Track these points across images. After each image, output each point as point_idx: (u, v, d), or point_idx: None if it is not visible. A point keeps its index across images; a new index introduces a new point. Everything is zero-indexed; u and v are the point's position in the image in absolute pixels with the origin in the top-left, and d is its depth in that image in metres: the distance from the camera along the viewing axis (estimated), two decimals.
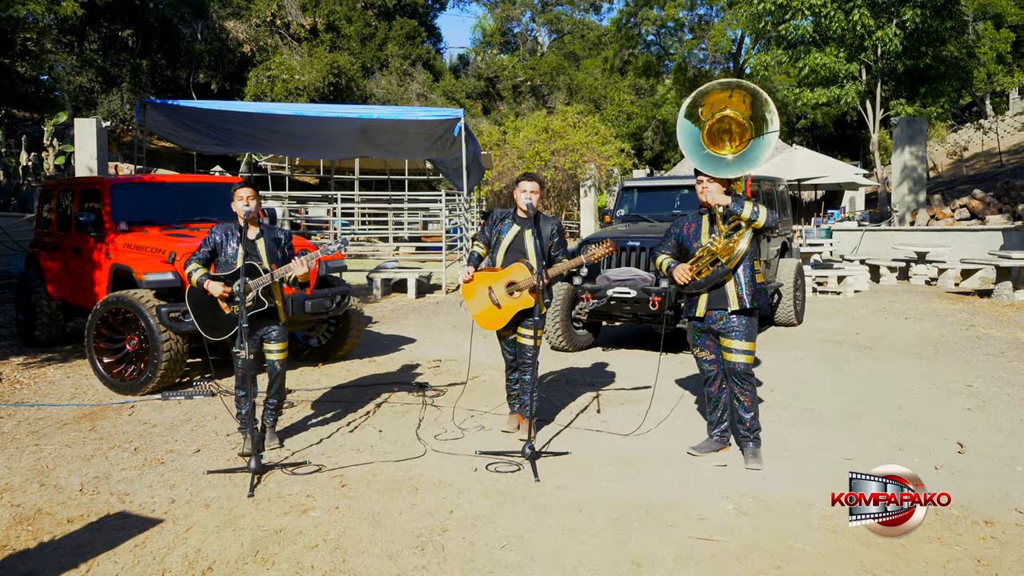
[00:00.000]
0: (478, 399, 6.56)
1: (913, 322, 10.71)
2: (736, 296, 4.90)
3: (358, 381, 7.26)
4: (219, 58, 26.99)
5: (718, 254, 4.84)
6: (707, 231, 4.97)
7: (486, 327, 5.41)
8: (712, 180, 4.88)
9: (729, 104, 4.94)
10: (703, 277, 4.91)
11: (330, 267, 7.75)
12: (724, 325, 4.95)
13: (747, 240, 4.83)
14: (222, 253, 5.20)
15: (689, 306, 5.10)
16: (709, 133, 4.99)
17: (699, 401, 6.55)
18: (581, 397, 6.75)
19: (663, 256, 5.15)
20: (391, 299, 13.85)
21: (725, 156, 4.92)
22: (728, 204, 4.78)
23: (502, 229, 5.43)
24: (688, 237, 5.04)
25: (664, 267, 5.09)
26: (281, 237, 5.30)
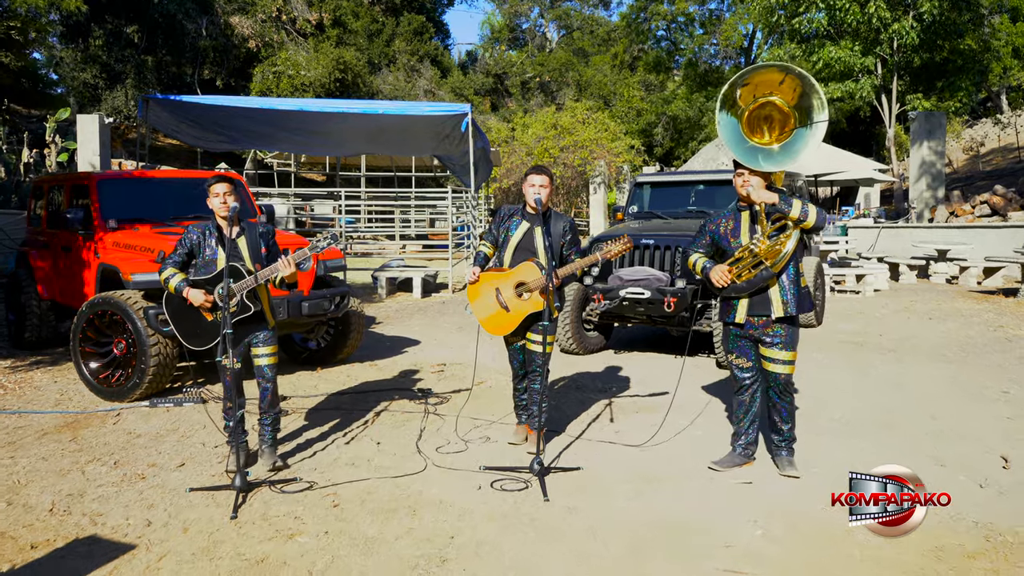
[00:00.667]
0: (484, 407, 6.18)
1: (937, 323, 10.29)
2: (781, 302, 4.52)
3: (358, 387, 6.90)
4: (224, 54, 26.67)
5: (762, 256, 4.45)
6: (747, 229, 4.58)
7: (493, 332, 5.03)
8: (753, 174, 4.49)
9: (778, 90, 4.53)
10: (743, 280, 4.52)
11: (329, 266, 7.39)
12: (765, 333, 4.57)
13: (794, 241, 4.44)
14: (200, 255, 4.83)
15: (726, 310, 4.71)
16: (748, 120, 4.59)
17: (717, 409, 6.16)
18: (593, 405, 6.37)
19: (697, 255, 4.74)
20: (396, 298, 13.49)
21: (771, 148, 4.52)
22: (775, 202, 4.38)
23: (510, 226, 5.05)
24: (725, 235, 4.65)
25: (699, 268, 4.68)
26: (265, 235, 4.93)
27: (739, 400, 4.77)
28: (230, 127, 16.27)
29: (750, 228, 4.58)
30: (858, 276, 13.70)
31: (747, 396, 4.74)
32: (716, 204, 8.78)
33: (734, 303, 4.64)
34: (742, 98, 4.57)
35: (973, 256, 15.15)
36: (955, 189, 20.36)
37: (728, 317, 4.68)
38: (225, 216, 4.74)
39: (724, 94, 4.58)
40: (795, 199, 4.40)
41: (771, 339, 4.57)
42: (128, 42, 26.22)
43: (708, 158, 21.99)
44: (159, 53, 26.29)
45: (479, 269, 5.02)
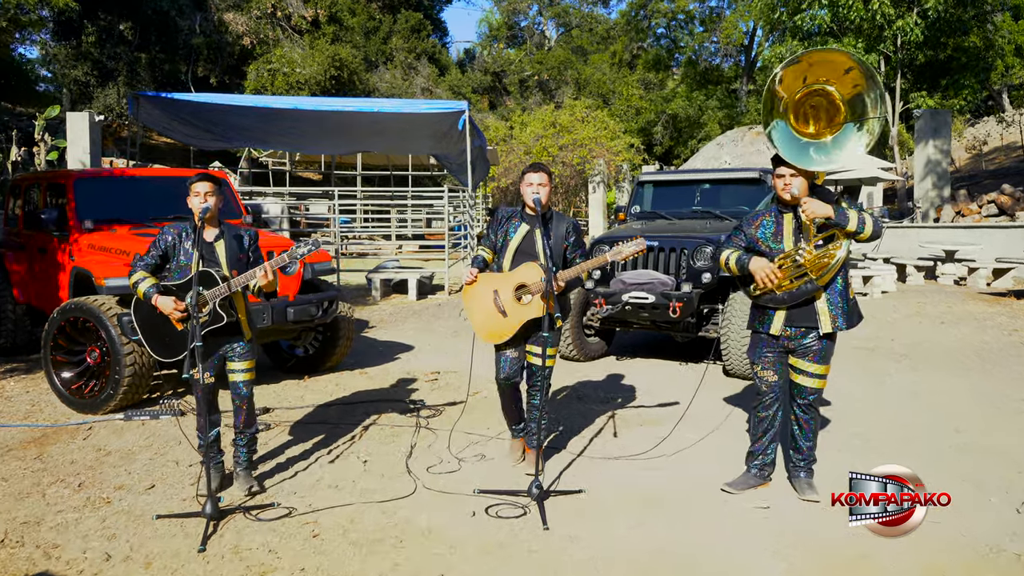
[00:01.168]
0: (479, 420, 5.81)
1: (950, 327, 9.93)
2: (829, 317, 4.14)
3: (346, 398, 6.53)
4: (218, 51, 26.29)
5: (807, 268, 4.07)
6: (791, 235, 4.19)
7: (488, 339, 4.65)
8: (796, 175, 4.11)
9: (837, 80, 4.13)
10: (783, 291, 4.15)
11: (316, 270, 7.01)
12: (802, 344, 4.21)
13: (844, 252, 4.06)
14: (174, 258, 4.46)
15: (758, 317, 4.32)
16: (795, 109, 4.19)
17: (727, 421, 5.80)
18: (595, 417, 6.00)
19: (729, 250, 4.32)
20: (390, 301, 13.12)
21: (823, 140, 4.15)
22: (830, 216, 3.98)
23: (509, 230, 4.66)
24: (765, 239, 4.25)
25: (733, 262, 4.25)
26: (245, 238, 4.57)
27: (759, 417, 4.40)
28: (223, 125, 15.98)
29: (794, 234, 4.20)
30: (865, 278, 13.34)
31: (769, 413, 4.36)
32: (722, 204, 8.43)
33: (770, 313, 4.26)
34: (788, 83, 4.16)
35: (982, 257, 14.80)
36: (961, 188, 20.01)
37: (762, 326, 4.29)
38: (205, 217, 4.38)
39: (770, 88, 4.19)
40: (851, 211, 4.02)
41: (806, 350, 4.22)
42: (121, 39, 25.83)
43: (709, 157, 21.66)
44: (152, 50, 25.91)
45: (477, 270, 4.66)
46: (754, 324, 4.36)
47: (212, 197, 4.35)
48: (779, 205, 4.27)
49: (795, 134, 4.22)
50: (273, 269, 4.28)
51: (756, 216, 4.37)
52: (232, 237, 4.52)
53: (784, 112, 4.21)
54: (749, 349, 4.45)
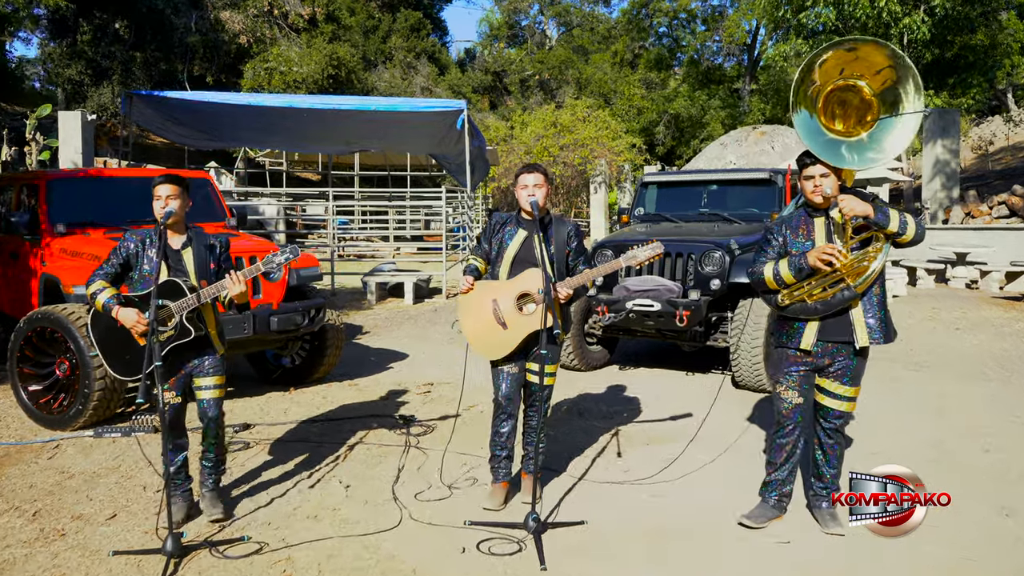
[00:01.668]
0: (473, 438, 5.42)
1: (966, 333, 9.54)
2: (865, 329, 3.76)
3: (332, 413, 6.14)
4: (214, 50, 25.90)
5: (843, 273, 3.68)
6: (824, 240, 3.81)
7: (486, 353, 4.25)
8: (827, 174, 3.74)
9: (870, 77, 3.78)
10: (815, 300, 3.75)
11: (302, 275, 6.63)
12: (832, 362, 3.82)
13: (884, 256, 3.68)
14: (137, 267, 4.08)
15: (786, 332, 3.90)
16: (824, 104, 3.83)
17: (737, 439, 5.41)
18: (598, 435, 5.62)
19: (771, 263, 3.88)
20: (386, 305, 12.74)
21: (857, 138, 3.78)
22: (869, 215, 3.59)
23: (504, 237, 4.26)
24: (799, 243, 3.86)
25: (787, 270, 3.78)
26: (216, 245, 4.19)
27: (780, 443, 3.98)
28: (217, 124, 15.64)
29: (827, 238, 3.81)
30: None
31: (791, 439, 3.94)
32: (730, 206, 8.04)
33: (799, 325, 3.85)
34: (820, 73, 3.79)
35: (993, 260, 14.41)
36: (970, 189, 19.61)
37: (791, 341, 3.88)
38: (169, 222, 4.01)
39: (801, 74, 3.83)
40: (892, 210, 3.64)
41: (837, 369, 3.83)
42: (116, 37, 25.45)
43: (713, 157, 21.20)
44: (147, 49, 25.53)
45: (472, 278, 4.27)
46: (781, 339, 3.95)
47: (175, 200, 3.98)
48: (808, 208, 3.90)
49: (822, 128, 3.86)
50: (246, 278, 3.90)
51: (788, 219, 3.99)
52: (201, 244, 4.15)
53: (813, 101, 3.85)
54: (771, 366, 4.05)
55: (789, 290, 3.82)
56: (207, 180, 7.46)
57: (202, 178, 7.51)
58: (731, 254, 6.85)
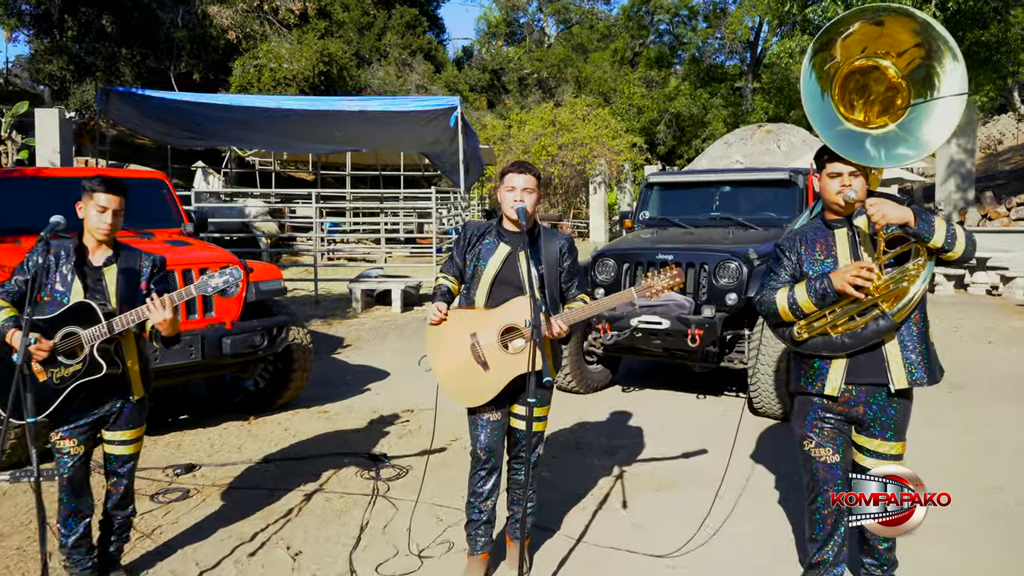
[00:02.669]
0: (452, 482, 4.63)
1: (1000, 348, 8.77)
2: (903, 367, 2.95)
3: (293, 449, 5.34)
4: (202, 46, 25.05)
5: (877, 297, 2.91)
6: (847, 256, 3.03)
7: (463, 400, 3.45)
8: (856, 172, 2.97)
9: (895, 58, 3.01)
10: (841, 331, 2.96)
11: (263, 289, 5.83)
12: (868, 410, 3.02)
13: (927, 276, 2.90)
14: (47, 285, 3.29)
15: (805, 373, 3.10)
16: (841, 88, 3.07)
17: (763, 480, 4.63)
18: (598, 477, 4.84)
19: (783, 292, 3.08)
20: (373, 313, 11.94)
21: (886, 132, 3.01)
22: (909, 222, 2.81)
23: (481, 252, 3.46)
24: (818, 262, 3.08)
25: (808, 297, 2.99)
26: (146, 263, 3.39)
27: (820, 515, 3.12)
28: (200, 123, 14.95)
29: (852, 253, 3.04)
30: None
31: (831, 510, 3.11)
32: (745, 210, 7.25)
33: (820, 365, 3.05)
34: (848, 41, 3.02)
35: (1015, 264, 13.64)
36: (986, 190, 18.84)
37: (812, 385, 3.07)
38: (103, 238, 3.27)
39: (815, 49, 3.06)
40: (936, 218, 2.85)
41: (875, 421, 3.02)
42: (101, 33, 24.65)
43: (716, 156, 20.42)
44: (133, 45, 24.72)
45: (446, 305, 3.47)
46: (799, 382, 3.14)
47: (119, 216, 3.26)
48: (825, 218, 3.12)
49: (839, 116, 3.09)
50: (172, 303, 3.11)
51: (793, 236, 3.18)
52: (129, 262, 3.36)
53: (830, 80, 3.08)
54: (794, 418, 3.24)
55: (807, 320, 3.02)
56: (161, 181, 6.68)
57: (155, 178, 6.74)
58: (749, 264, 6.07)
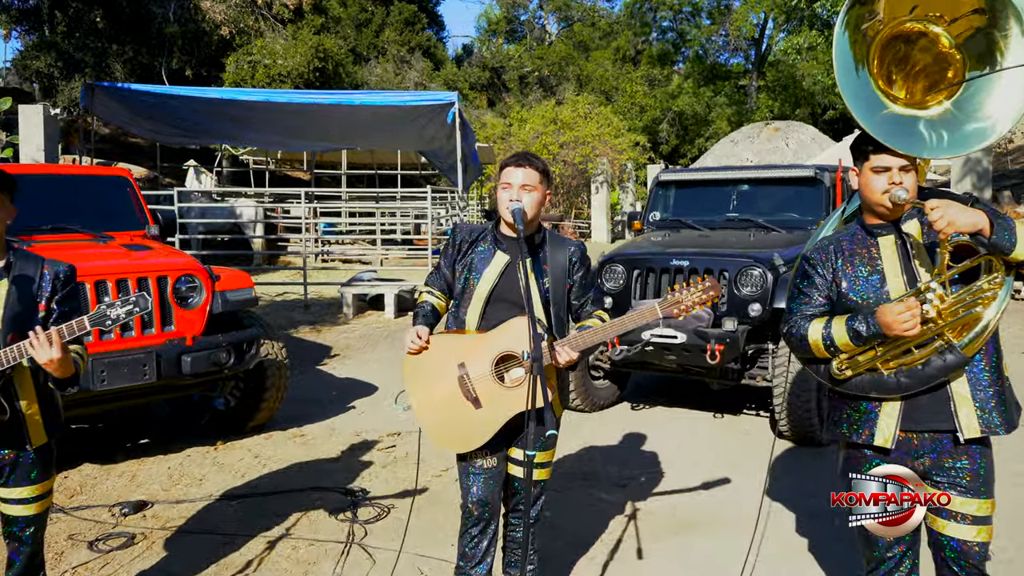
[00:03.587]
0: (439, 529, 4.01)
1: None
2: (974, 411, 2.31)
3: (262, 482, 4.70)
4: (194, 41, 24.46)
5: (942, 325, 2.27)
6: (897, 269, 2.40)
7: (451, 445, 2.86)
8: (908, 166, 2.34)
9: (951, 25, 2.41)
10: (892, 368, 2.33)
11: (230, 300, 5.20)
12: (937, 464, 2.37)
13: (1005, 297, 2.27)
14: None
15: (846, 418, 2.45)
16: (880, 58, 2.46)
17: (789, 521, 4.02)
18: (607, 515, 4.23)
19: (816, 325, 2.43)
20: (364, 319, 11.32)
21: (945, 109, 2.40)
22: (982, 229, 2.18)
23: (474, 262, 2.86)
24: (861, 277, 2.44)
25: (844, 333, 2.35)
26: (47, 278, 2.75)
27: None
28: (190, 120, 14.42)
29: (903, 267, 2.41)
30: None
31: None
32: (765, 211, 6.63)
33: (867, 408, 2.41)
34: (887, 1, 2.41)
35: None
36: (1004, 189, 18.23)
37: (856, 434, 2.42)
38: None
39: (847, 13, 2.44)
40: (1014, 220, 2.23)
41: (950, 476, 2.38)
42: (91, 29, 24.02)
43: (723, 155, 19.85)
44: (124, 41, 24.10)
45: (427, 330, 2.86)
46: (840, 428, 2.48)
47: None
48: (865, 222, 2.49)
49: (880, 95, 2.47)
50: (61, 340, 2.45)
51: (825, 246, 2.53)
52: (21, 276, 2.72)
53: (867, 47, 2.46)
54: (839, 467, 2.60)
55: (849, 354, 2.39)
56: (124, 179, 6.07)
57: (117, 176, 6.13)
58: (774, 271, 5.44)
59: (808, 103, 31.87)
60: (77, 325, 2.45)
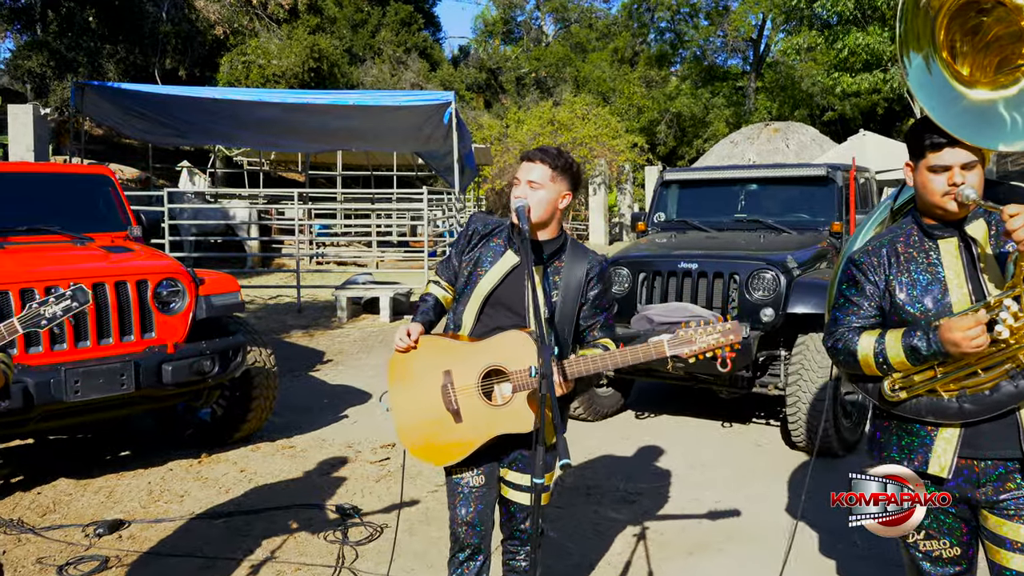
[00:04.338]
0: (433, 550, 3.74)
1: None
2: None
3: (247, 499, 4.43)
4: (188, 42, 24.18)
5: (1015, 346, 1.98)
6: (961, 278, 2.14)
7: (425, 457, 2.61)
8: (974, 161, 2.06)
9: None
10: (955, 392, 2.07)
11: (216, 304, 4.93)
12: (1001, 494, 2.10)
13: None
14: None
15: (896, 443, 2.19)
16: (948, 33, 2.19)
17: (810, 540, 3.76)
18: (613, 532, 3.97)
19: (867, 339, 2.15)
20: (359, 323, 11.05)
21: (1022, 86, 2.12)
22: None
23: (482, 256, 2.61)
24: (911, 288, 2.16)
25: (901, 350, 2.06)
26: None
27: None
28: (182, 120, 14.19)
29: (968, 276, 2.15)
30: None
31: None
32: (772, 212, 6.37)
33: (923, 432, 2.15)
34: None
35: None
36: None
37: (907, 459, 2.16)
38: None
39: None
40: None
41: (1017, 504, 2.09)
42: (84, 28, 23.74)
43: (723, 155, 19.61)
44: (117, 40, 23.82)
45: (421, 327, 2.61)
46: (887, 451, 2.22)
47: None
48: (920, 223, 2.21)
49: (953, 82, 2.19)
50: None
51: (875, 248, 2.24)
52: None
53: (931, 25, 2.19)
54: None
55: (904, 373, 2.12)
56: (106, 178, 5.80)
57: (99, 175, 5.86)
58: (787, 274, 5.19)
59: (807, 104, 31.67)
60: (6, 329, 2.18)
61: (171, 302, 4.67)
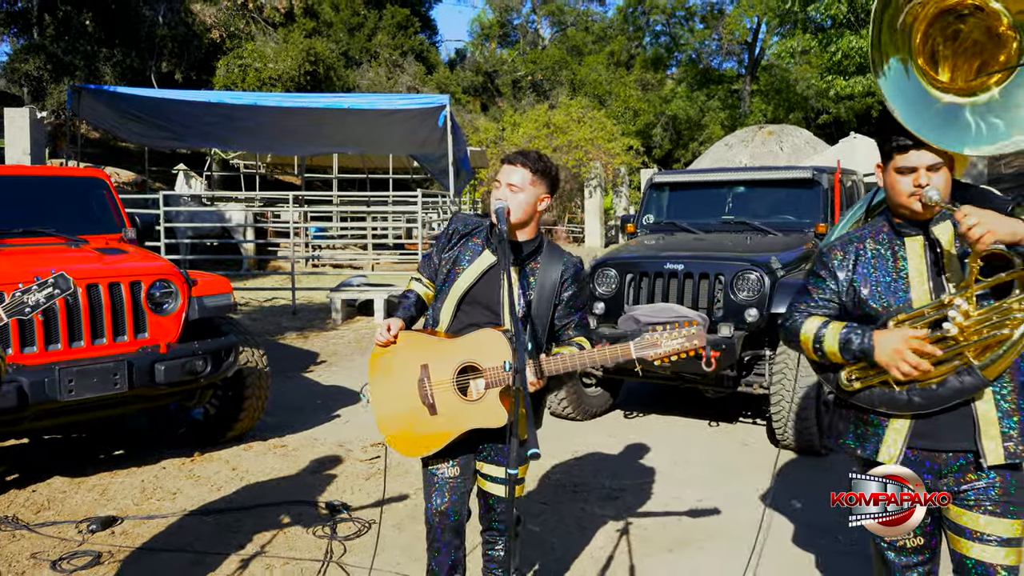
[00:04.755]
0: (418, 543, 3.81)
1: None
2: (999, 435, 2.12)
3: (238, 496, 4.51)
4: (185, 45, 24.25)
5: (963, 344, 2.09)
6: (923, 276, 2.21)
7: (400, 447, 2.70)
8: (940, 164, 2.14)
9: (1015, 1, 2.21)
10: (904, 386, 2.17)
11: (208, 305, 5.00)
12: (962, 482, 2.19)
13: None
14: None
15: (854, 432, 2.30)
16: (924, 39, 2.27)
17: (787, 534, 3.84)
18: (596, 527, 4.05)
19: (814, 322, 2.28)
20: (353, 324, 11.13)
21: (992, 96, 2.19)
22: (1021, 239, 1.98)
23: (460, 255, 2.71)
24: (875, 283, 2.25)
25: (834, 342, 2.21)
26: None
27: None
28: (179, 123, 14.27)
29: (930, 275, 2.23)
30: None
31: None
32: (761, 213, 6.47)
33: (876, 421, 2.24)
34: None
35: None
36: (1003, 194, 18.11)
37: (863, 447, 2.27)
38: None
39: None
40: None
41: (977, 494, 2.19)
42: (80, 31, 23.81)
43: (718, 158, 19.68)
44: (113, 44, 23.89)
45: (402, 323, 2.71)
46: (847, 441, 2.33)
47: None
48: (891, 222, 2.30)
49: (924, 85, 2.27)
50: None
51: (845, 244, 2.34)
52: None
53: (907, 34, 2.27)
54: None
55: (858, 366, 2.22)
56: (101, 180, 5.87)
57: (94, 177, 5.93)
58: (772, 275, 5.28)
59: (801, 107, 31.79)
60: None
61: (164, 303, 4.74)
